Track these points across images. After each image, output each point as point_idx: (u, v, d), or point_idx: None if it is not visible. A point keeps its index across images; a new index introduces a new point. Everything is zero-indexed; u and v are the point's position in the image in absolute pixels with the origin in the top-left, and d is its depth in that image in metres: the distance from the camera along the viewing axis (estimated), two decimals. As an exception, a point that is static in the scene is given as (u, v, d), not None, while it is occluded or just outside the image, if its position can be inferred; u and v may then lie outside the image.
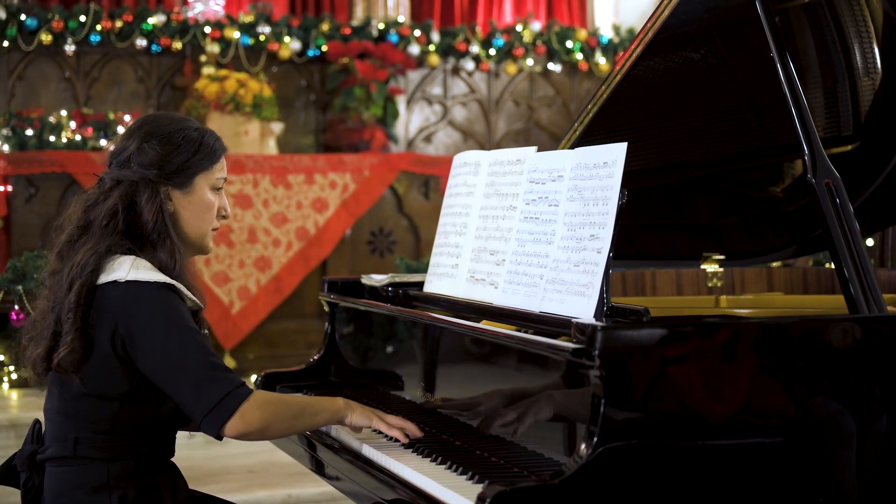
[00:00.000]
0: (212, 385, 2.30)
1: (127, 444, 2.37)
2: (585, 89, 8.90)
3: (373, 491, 2.40)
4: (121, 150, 2.47)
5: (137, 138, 2.46)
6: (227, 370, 2.34)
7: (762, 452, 2.07)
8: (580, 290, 2.25)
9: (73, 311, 2.33)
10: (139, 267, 2.35)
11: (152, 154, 2.44)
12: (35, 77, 7.66)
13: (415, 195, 7.34)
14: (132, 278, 2.33)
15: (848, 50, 2.98)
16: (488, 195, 2.72)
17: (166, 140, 2.46)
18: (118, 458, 2.36)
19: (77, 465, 2.36)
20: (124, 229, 2.41)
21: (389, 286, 3.09)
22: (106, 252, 2.37)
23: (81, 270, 2.35)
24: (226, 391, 2.30)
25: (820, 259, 4.97)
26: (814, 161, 2.42)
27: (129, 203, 2.42)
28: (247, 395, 2.31)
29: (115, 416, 2.35)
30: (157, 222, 2.42)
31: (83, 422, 2.36)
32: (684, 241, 3.51)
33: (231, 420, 2.29)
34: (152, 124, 2.49)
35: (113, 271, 2.35)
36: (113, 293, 2.34)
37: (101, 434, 2.36)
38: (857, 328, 2.18)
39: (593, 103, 2.97)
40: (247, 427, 2.31)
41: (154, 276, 2.35)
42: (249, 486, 4.67)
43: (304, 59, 8.17)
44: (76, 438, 2.36)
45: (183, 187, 2.47)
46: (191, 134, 2.49)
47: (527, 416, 2.25)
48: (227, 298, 6.68)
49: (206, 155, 2.49)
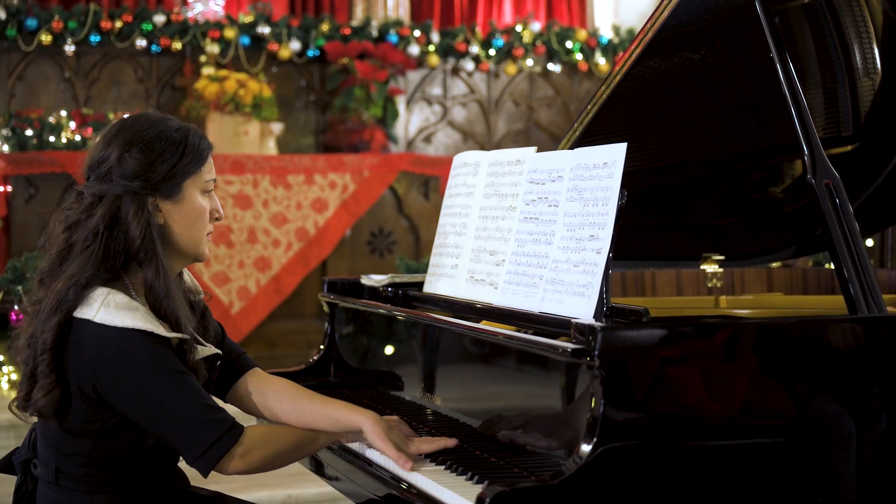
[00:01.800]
0: (201, 429, 2.20)
1: (108, 478, 2.28)
2: (585, 89, 8.90)
3: (372, 491, 2.40)
4: (99, 161, 2.28)
5: (117, 147, 2.27)
6: (216, 410, 2.23)
7: (762, 453, 2.07)
8: (580, 291, 2.25)
9: (49, 352, 2.21)
10: (110, 304, 2.20)
11: (134, 164, 2.26)
12: (35, 77, 7.66)
13: (415, 195, 7.34)
14: (100, 321, 2.19)
15: (848, 50, 2.98)
16: (488, 195, 2.72)
17: (147, 147, 2.27)
18: (101, 492, 2.28)
19: (62, 493, 2.29)
20: (106, 252, 2.24)
21: (389, 286, 3.09)
22: (85, 284, 2.22)
23: (60, 304, 2.21)
24: (217, 435, 2.20)
25: (820, 259, 4.97)
26: (813, 161, 2.42)
27: (113, 220, 2.25)
28: (239, 436, 2.23)
29: (90, 453, 2.25)
30: (145, 239, 2.25)
31: (61, 454, 2.27)
32: (684, 242, 3.51)
33: (232, 462, 2.22)
34: (130, 130, 2.29)
35: (86, 306, 2.21)
36: (84, 334, 2.21)
37: (80, 467, 2.27)
38: (857, 328, 2.18)
39: (593, 104, 2.97)
40: (247, 467, 2.25)
41: (123, 320, 2.19)
42: (249, 486, 4.66)
43: (303, 59, 8.17)
44: (57, 469, 2.28)
45: (171, 196, 2.30)
46: (173, 136, 2.30)
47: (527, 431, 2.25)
48: (227, 299, 6.68)
49: (192, 158, 2.31)
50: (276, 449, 2.31)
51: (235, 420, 2.26)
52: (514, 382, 2.34)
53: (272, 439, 2.33)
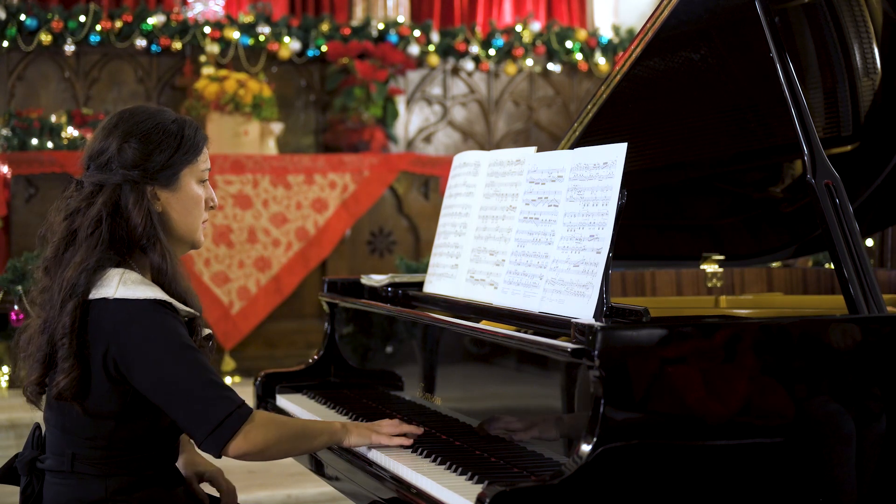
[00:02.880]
0: (212, 405, 2.25)
1: (125, 459, 2.33)
2: (585, 89, 8.90)
3: (372, 491, 2.40)
4: (99, 151, 2.38)
5: (116, 138, 2.36)
6: (226, 388, 2.29)
7: (762, 453, 2.07)
8: (580, 291, 2.25)
9: (69, 335, 2.27)
10: (127, 282, 2.29)
11: (133, 154, 2.35)
12: (35, 77, 7.66)
13: (415, 195, 7.33)
14: (121, 296, 2.27)
15: (848, 50, 2.98)
16: (488, 195, 2.72)
17: (146, 138, 2.36)
18: (115, 474, 2.32)
19: (75, 479, 2.33)
20: (111, 237, 2.33)
21: (389, 286, 3.09)
22: (95, 268, 2.29)
23: (73, 290, 2.28)
24: (227, 411, 2.25)
25: (820, 259, 4.97)
26: (813, 161, 2.42)
27: (115, 208, 2.34)
28: (248, 415, 2.28)
29: (111, 434, 2.31)
30: (147, 226, 2.34)
31: (80, 438, 2.32)
32: (684, 242, 3.51)
33: (234, 440, 2.26)
34: (129, 121, 2.38)
35: (102, 286, 2.29)
36: (103, 312, 2.28)
37: (99, 450, 2.32)
38: (857, 328, 2.18)
39: (593, 103, 2.97)
40: (249, 447, 2.28)
41: (143, 293, 2.28)
42: (249, 486, 4.66)
43: (303, 59, 8.17)
44: (73, 454, 2.32)
45: (169, 185, 2.39)
46: (170, 127, 2.39)
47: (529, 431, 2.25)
48: (227, 298, 6.68)
49: (189, 149, 2.40)
50: (279, 434, 2.34)
51: (244, 400, 2.32)
52: (513, 382, 2.34)
53: (278, 423, 2.37)
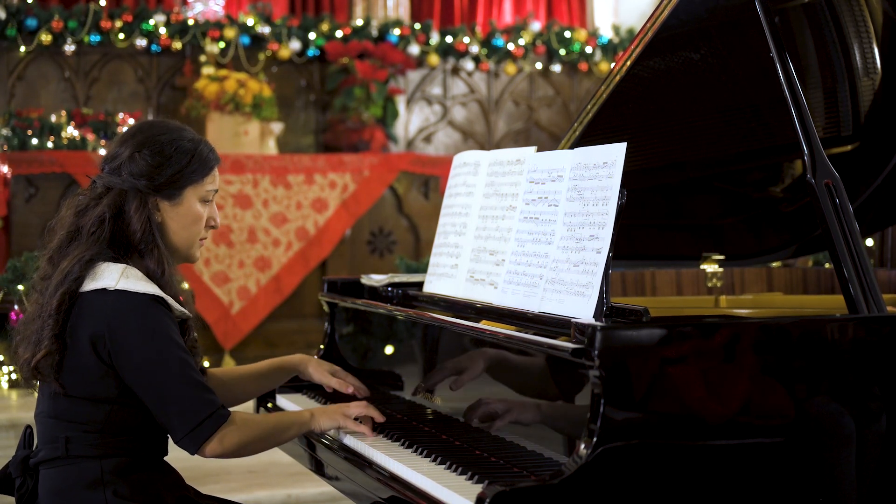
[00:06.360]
0: (193, 405, 2.34)
1: (119, 441, 2.38)
2: (585, 89, 8.90)
3: (372, 491, 2.40)
4: (113, 155, 2.47)
5: (131, 146, 2.45)
6: (207, 390, 2.37)
7: (762, 452, 2.07)
8: (580, 291, 2.25)
9: (53, 316, 2.35)
10: (129, 276, 2.37)
11: (143, 164, 2.43)
12: (35, 77, 7.66)
13: (414, 195, 7.34)
14: (122, 287, 2.35)
15: (848, 50, 2.98)
16: (488, 195, 2.72)
17: (158, 151, 2.45)
18: (111, 455, 2.38)
19: (70, 463, 2.37)
20: (111, 237, 2.42)
21: (389, 286, 3.09)
22: (89, 261, 2.38)
23: (65, 278, 2.37)
24: (207, 413, 2.34)
25: (820, 259, 4.97)
26: (813, 161, 2.42)
27: (118, 211, 2.43)
28: (226, 418, 2.36)
29: (107, 418, 2.37)
30: (145, 232, 2.42)
31: (75, 423, 2.37)
32: (684, 241, 3.51)
33: (210, 442, 2.34)
34: (147, 133, 2.48)
35: (100, 278, 2.37)
36: (100, 301, 2.35)
37: (94, 434, 2.37)
38: (857, 328, 2.18)
39: (593, 103, 2.97)
40: (223, 450, 2.36)
41: (144, 288, 2.36)
42: (249, 486, 4.67)
43: (303, 59, 8.17)
44: (67, 438, 2.37)
45: (171, 199, 2.47)
46: (184, 145, 2.48)
47: (520, 415, 2.26)
48: (227, 298, 6.68)
49: (197, 168, 2.48)
50: (252, 434, 2.42)
51: (223, 403, 2.40)
52: (513, 382, 2.34)
53: (251, 425, 2.43)
